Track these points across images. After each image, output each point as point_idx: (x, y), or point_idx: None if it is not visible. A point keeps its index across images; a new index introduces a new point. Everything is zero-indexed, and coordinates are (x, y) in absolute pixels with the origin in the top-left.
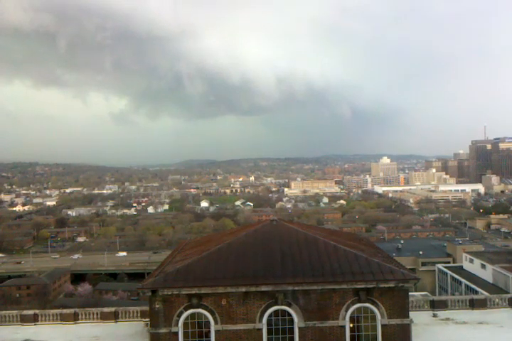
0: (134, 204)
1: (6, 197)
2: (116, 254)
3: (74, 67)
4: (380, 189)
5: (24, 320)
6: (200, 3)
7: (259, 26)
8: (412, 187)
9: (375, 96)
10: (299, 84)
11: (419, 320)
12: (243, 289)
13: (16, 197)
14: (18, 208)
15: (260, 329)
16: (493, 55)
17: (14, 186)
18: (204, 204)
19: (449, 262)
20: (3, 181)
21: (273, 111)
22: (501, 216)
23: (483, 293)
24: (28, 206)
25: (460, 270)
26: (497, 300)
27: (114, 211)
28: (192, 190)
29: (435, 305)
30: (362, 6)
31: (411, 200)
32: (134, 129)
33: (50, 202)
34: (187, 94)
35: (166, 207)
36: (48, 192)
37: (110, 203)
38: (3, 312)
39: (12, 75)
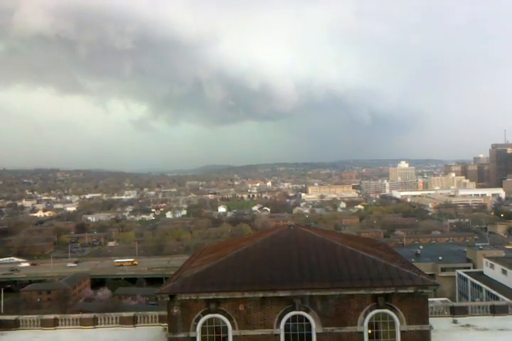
0: (153, 210)
1: (28, 203)
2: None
3: (95, 74)
4: (398, 194)
5: (44, 324)
6: (218, 9)
7: (277, 31)
8: (431, 192)
9: (393, 101)
10: (318, 88)
11: (439, 326)
12: (260, 294)
13: (37, 203)
14: (39, 214)
15: (278, 335)
16: None
17: (35, 192)
18: (221, 209)
19: (469, 268)
20: (25, 187)
21: (291, 116)
22: None
23: (505, 299)
24: (48, 212)
25: (480, 275)
26: None
27: (133, 216)
28: (209, 196)
29: (455, 312)
30: (380, 10)
31: (430, 205)
32: (153, 135)
33: (71, 208)
34: (206, 100)
35: (184, 212)
36: (68, 198)
37: (129, 209)
38: (24, 316)
39: (36, 83)
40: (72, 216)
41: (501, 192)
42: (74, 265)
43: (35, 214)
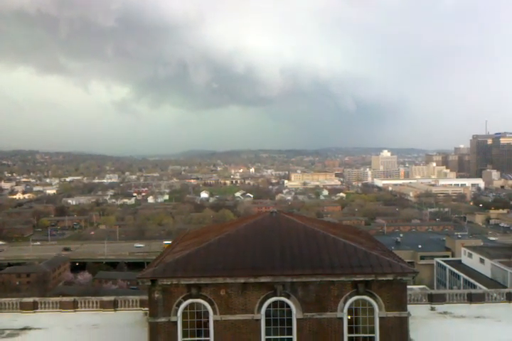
0: (134, 194)
1: (6, 185)
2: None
3: (77, 54)
4: (380, 182)
5: (23, 307)
6: None
7: (265, 16)
8: (412, 181)
9: (377, 89)
10: (304, 75)
11: (417, 313)
12: (242, 280)
13: (16, 185)
14: (18, 196)
15: (258, 320)
16: (495, 51)
17: (14, 174)
18: (204, 195)
19: (447, 256)
20: (4, 169)
21: (276, 102)
22: (501, 211)
23: (482, 288)
24: (28, 194)
25: (458, 264)
26: (495, 294)
27: (114, 200)
28: (192, 181)
29: (433, 299)
30: None
31: (411, 194)
32: (135, 118)
33: (51, 191)
34: (190, 83)
35: (166, 197)
36: (48, 180)
37: (110, 192)
38: (3, 299)
39: (16, 62)
40: (51, 199)
41: (481, 183)
42: (141, 245)
43: (14, 196)
